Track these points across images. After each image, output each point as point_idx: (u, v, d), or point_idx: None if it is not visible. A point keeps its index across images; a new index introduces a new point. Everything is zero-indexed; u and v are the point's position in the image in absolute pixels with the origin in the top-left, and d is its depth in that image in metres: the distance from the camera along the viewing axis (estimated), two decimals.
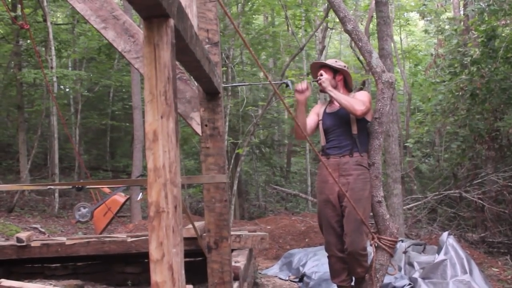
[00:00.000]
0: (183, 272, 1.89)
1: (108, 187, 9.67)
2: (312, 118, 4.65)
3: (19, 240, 5.92)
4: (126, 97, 21.48)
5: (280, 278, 7.37)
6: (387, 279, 5.67)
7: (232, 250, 4.49)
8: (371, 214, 4.40)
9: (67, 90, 20.72)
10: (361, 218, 4.06)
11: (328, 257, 4.44)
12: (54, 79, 15.99)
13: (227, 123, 13.36)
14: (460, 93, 11.39)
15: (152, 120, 1.91)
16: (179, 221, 1.90)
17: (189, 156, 19.95)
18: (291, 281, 7.19)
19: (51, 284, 5.59)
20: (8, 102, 21.28)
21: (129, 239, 5.86)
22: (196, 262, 5.65)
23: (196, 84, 3.95)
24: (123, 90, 22.10)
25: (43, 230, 10.76)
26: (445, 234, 6.77)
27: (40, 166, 21.10)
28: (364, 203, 4.16)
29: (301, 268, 7.18)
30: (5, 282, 5.51)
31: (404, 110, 18.44)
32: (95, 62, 20.59)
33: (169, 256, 1.83)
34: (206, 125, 3.92)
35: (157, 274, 1.82)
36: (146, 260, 6.15)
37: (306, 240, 9.34)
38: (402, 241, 7.39)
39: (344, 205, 4.22)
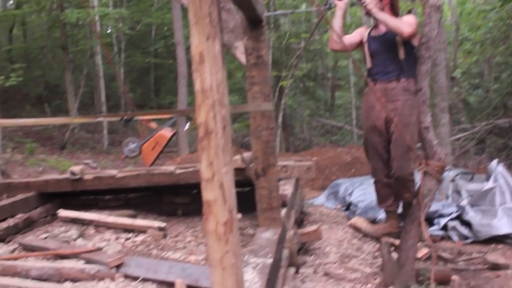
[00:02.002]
0: (233, 191, 1.93)
1: (155, 123, 9.84)
2: (354, 36, 4.55)
3: (73, 173, 6.12)
4: (168, 35, 21.49)
5: (327, 207, 7.46)
6: (434, 207, 5.67)
7: (279, 180, 4.54)
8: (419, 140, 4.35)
9: (109, 30, 20.83)
10: (409, 144, 4.02)
11: (374, 183, 4.44)
12: (96, 18, 16.07)
13: (270, 56, 13.24)
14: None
15: (198, 42, 1.91)
16: (228, 141, 1.92)
17: (233, 92, 20.00)
18: (337, 210, 7.28)
19: (105, 213, 5.81)
20: (53, 44, 21.59)
21: (177, 171, 5.98)
22: (243, 192, 5.74)
23: (239, 13, 3.91)
24: (165, 28, 22.06)
25: (94, 165, 11.09)
26: (495, 162, 6.69)
27: (88, 105, 21.56)
28: (412, 129, 4.10)
29: (347, 197, 7.25)
30: (63, 212, 5.77)
31: (452, 40, 17.87)
32: (136, 0, 20.54)
33: (219, 175, 1.87)
34: (250, 54, 3.91)
35: (208, 193, 1.87)
36: (194, 191, 6.30)
37: (352, 170, 9.36)
38: (449, 170, 7.33)
39: (391, 131, 4.18)
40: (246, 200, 4.63)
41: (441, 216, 5.96)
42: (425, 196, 4.10)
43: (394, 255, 4.39)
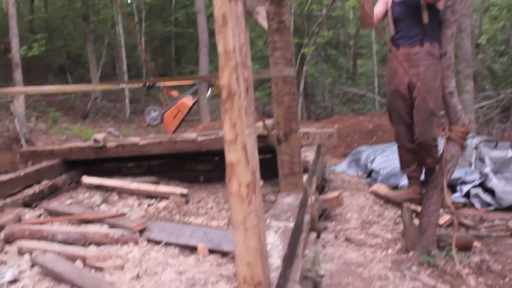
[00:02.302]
0: (256, 152, 1.94)
1: (176, 91, 9.87)
2: (380, 8, 4.49)
3: (96, 141, 6.19)
4: (189, 3, 21.35)
5: (348, 174, 7.46)
6: (457, 174, 5.64)
7: (301, 147, 4.54)
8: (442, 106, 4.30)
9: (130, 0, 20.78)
10: (432, 109, 3.98)
11: (398, 148, 4.42)
12: None
13: (291, 23, 13.10)
14: None
15: (220, 4, 1.90)
16: (251, 103, 1.93)
17: (254, 60, 19.90)
18: (359, 177, 7.27)
19: (128, 180, 5.87)
20: (74, 14, 21.64)
21: (199, 138, 6.01)
22: (265, 159, 5.76)
23: None
24: None
25: (116, 133, 11.19)
26: None
27: (109, 75, 21.67)
28: (435, 94, 4.06)
29: (369, 165, 7.23)
30: (87, 178, 5.85)
31: (477, 6, 17.49)
32: None
33: (242, 136, 1.87)
34: (272, 19, 3.87)
35: (231, 154, 1.88)
36: (216, 158, 6.34)
37: (374, 138, 9.30)
38: (473, 137, 7.26)
39: (414, 96, 4.14)
40: (268, 167, 4.65)
41: (464, 183, 5.93)
42: (448, 162, 4.07)
43: (416, 221, 4.40)
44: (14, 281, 3.48)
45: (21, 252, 3.94)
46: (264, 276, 1.97)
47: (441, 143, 4.22)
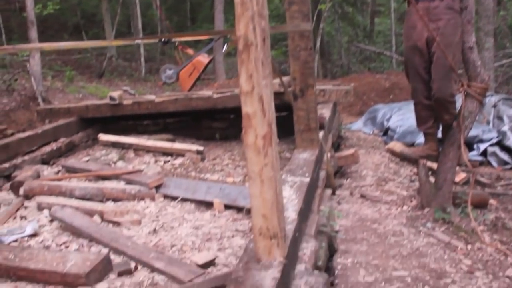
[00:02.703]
0: (272, 104, 1.93)
1: (192, 49, 9.82)
2: None
3: (112, 98, 6.20)
4: None
5: (364, 132, 7.43)
6: (474, 132, 5.59)
7: (317, 104, 4.51)
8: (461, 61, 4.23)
9: None
10: (450, 64, 3.91)
11: (414, 104, 4.37)
12: None
13: None
14: None
15: None
16: (267, 54, 1.90)
17: (270, 18, 19.65)
18: (375, 135, 7.24)
19: (144, 138, 5.90)
20: None
21: (215, 96, 5.99)
22: (281, 117, 5.74)
23: None
24: None
25: (132, 92, 11.20)
26: None
27: (124, 33, 21.57)
28: (454, 49, 3.98)
29: (385, 123, 7.19)
30: (103, 136, 5.88)
31: None
32: None
33: (259, 88, 1.86)
34: None
35: (248, 106, 1.87)
36: (232, 116, 6.33)
37: (391, 96, 9.22)
38: (492, 95, 7.16)
39: (432, 51, 4.07)
40: (284, 125, 4.63)
41: (481, 141, 5.88)
42: (466, 119, 4.02)
43: (432, 178, 4.37)
44: (34, 235, 3.54)
45: (40, 208, 4.00)
46: (280, 228, 1.98)
47: (459, 100, 4.16)
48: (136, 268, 2.95)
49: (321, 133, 4.29)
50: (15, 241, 3.47)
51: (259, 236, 1.99)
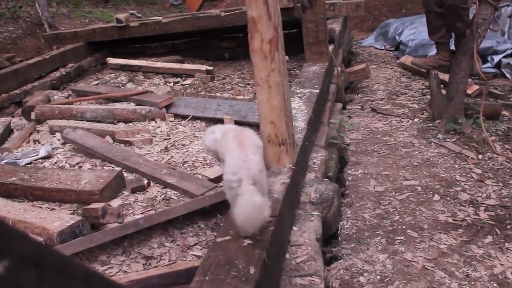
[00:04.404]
0: (278, 8, 1.87)
1: None
2: None
3: (118, 20, 6.11)
4: None
5: (376, 48, 7.30)
6: (488, 43, 5.45)
7: (327, 19, 4.40)
8: None
9: None
10: None
11: (426, 13, 4.22)
12: None
13: None
14: None
15: None
16: None
17: None
18: (386, 50, 7.12)
19: (153, 60, 5.86)
20: None
21: (223, 14, 5.88)
22: (290, 34, 5.64)
23: None
24: None
25: (139, 15, 11.02)
26: None
27: None
28: None
29: (397, 37, 7.03)
30: (112, 60, 5.85)
31: None
32: None
33: None
34: None
35: (253, 9, 1.82)
36: (240, 35, 6.23)
37: (403, 10, 8.96)
38: (508, 5, 6.94)
39: None
40: (293, 42, 4.56)
41: (495, 53, 5.73)
42: (480, 26, 3.89)
43: (443, 91, 4.31)
44: (48, 157, 3.59)
45: (52, 131, 4.03)
46: (289, 135, 1.98)
47: (472, 12, 4.02)
48: (148, 184, 2.99)
49: (331, 47, 4.22)
50: (30, 163, 3.52)
51: (267, 143, 1.99)
